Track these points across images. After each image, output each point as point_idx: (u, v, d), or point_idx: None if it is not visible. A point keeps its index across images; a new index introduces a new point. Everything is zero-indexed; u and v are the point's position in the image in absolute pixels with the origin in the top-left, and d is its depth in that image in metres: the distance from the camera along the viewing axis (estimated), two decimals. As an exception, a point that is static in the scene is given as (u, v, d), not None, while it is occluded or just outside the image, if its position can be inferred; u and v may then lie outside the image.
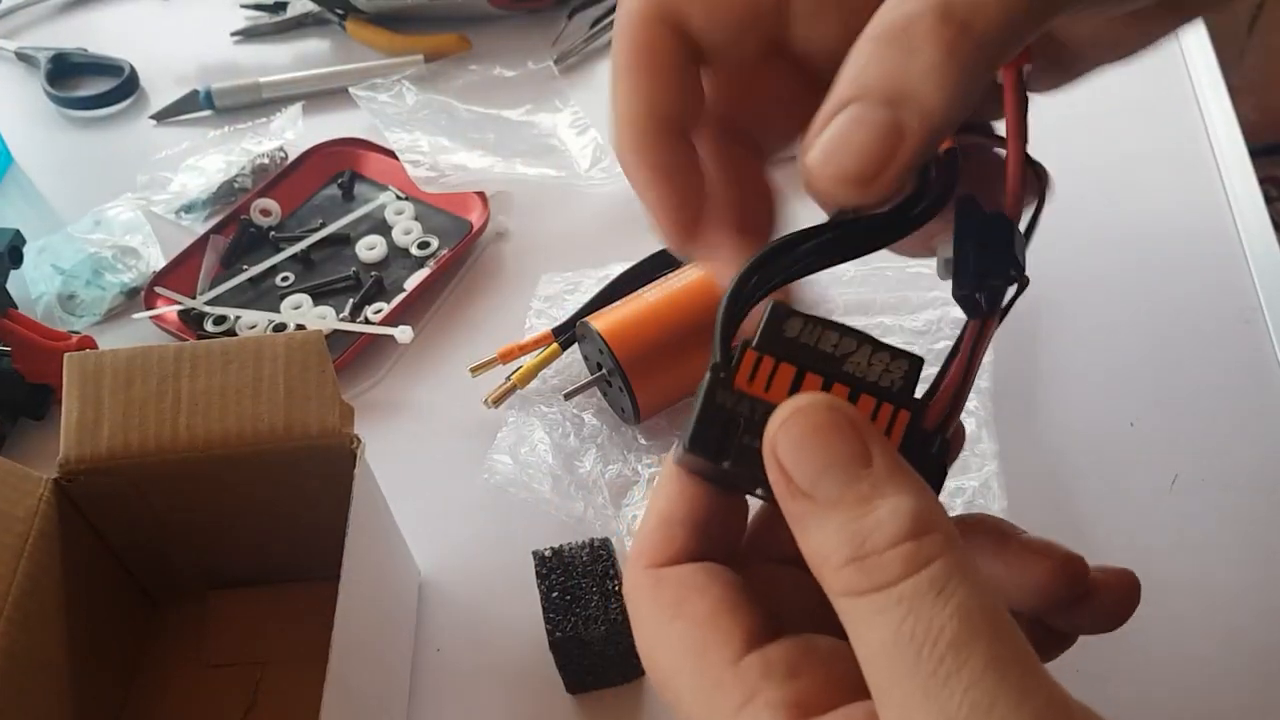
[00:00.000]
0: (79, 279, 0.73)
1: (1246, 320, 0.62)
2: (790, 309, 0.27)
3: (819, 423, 0.25)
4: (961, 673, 0.22)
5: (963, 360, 0.27)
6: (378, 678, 0.48)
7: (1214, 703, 0.48)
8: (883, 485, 0.24)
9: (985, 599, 0.23)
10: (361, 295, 0.70)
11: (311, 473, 0.47)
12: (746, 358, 0.27)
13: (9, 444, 0.65)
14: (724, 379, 0.27)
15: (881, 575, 0.23)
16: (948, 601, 0.22)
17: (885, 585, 0.23)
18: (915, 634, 0.22)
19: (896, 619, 0.23)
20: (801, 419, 0.25)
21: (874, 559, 0.23)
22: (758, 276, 0.27)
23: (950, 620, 0.22)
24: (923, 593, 0.23)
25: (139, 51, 0.92)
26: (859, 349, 0.27)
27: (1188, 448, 0.57)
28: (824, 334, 0.27)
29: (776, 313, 0.27)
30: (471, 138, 0.78)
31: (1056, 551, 0.29)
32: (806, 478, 0.25)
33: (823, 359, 0.27)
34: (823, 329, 0.27)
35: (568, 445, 0.59)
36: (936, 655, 0.22)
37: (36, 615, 0.45)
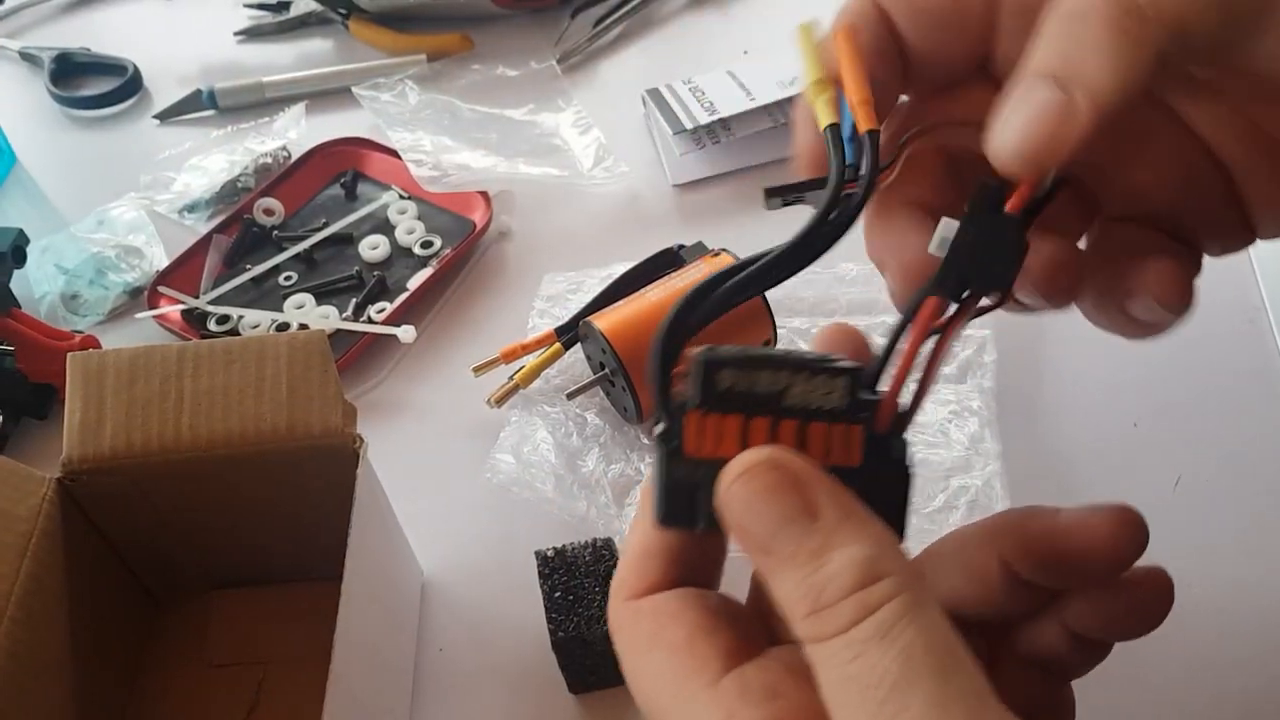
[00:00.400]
0: (82, 278, 0.73)
1: (1250, 320, 0.62)
2: (719, 359, 0.27)
3: (763, 485, 0.25)
4: (905, 714, 0.22)
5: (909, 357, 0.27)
6: (380, 678, 0.48)
7: (1217, 703, 0.48)
8: (832, 536, 0.25)
9: (934, 637, 0.23)
10: (364, 295, 0.70)
11: (314, 472, 0.47)
12: (689, 421, 0.27)
13: (12, 443, 0.65)
14: (675, 450, 0.27)
15: (834, 623, 0.24)
16: (892, 645, 0.23)
17: (838, 632, 0.24)
18: (860, 676, 0.23)
19: (845, 662, 0.23)
20: (744, 485, 0.26)
21: (827, 611, 0.24)
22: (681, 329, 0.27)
23: (893, 663, 0.23)
24: (869, 637, 0.23)
25: (142, 51, 0.92)
26: (795, 379, 0.26)
27: (1191, 449, 0.57)
28: (757, 376, 0.27)
29: (707, 369, 0.27)
30: (474, 137, 0.78)
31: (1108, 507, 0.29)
32: (761, 538, 0.25)
33: (763, 400, 0.27)
34: (754, 371, 0.26)
35: (570, 445, 0.59)
36: (879, 697, 0.23)
37: (39, 615, 0.45)
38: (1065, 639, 0.31)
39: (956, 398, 0.57)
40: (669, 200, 0.74)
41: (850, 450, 0.27)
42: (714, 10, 0.89)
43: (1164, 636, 0.50)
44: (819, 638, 0.24)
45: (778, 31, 0.87)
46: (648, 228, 0.72)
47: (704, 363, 0.26)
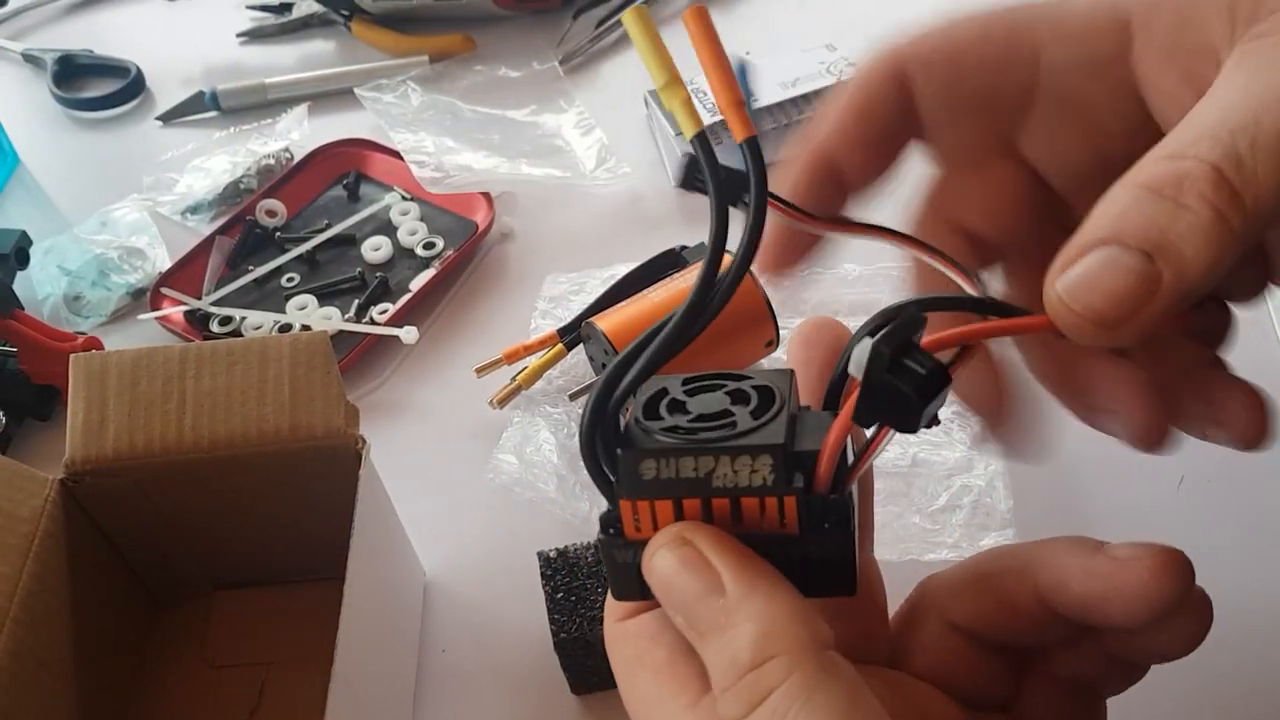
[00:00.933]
0: (85, 280, 0.73)
1: (1253, 318, 0.61)
2: (639, 450, 0.27)
3: (674, 560, 0.26)
4: None
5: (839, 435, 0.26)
6: (383, 678, 0.48)
7: (1220, 704, 0.48)
8: (732, 614, 0.25)
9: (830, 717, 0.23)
10: (367, 296, 0.70)
11: (316, 473, 0.47)
12: (624, 508, 0.27)
13: (15, 445, 0.65)
14: (614, 536, 0.27)
15: (738, 707, 0.24)
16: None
17: (741, 717, 0.24)
18: None
19: None
20: (657, 565, 0.26)
21: (730, 692, 0.25)
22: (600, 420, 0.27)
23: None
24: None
25: (145, 53, 0.92)
26: (719, 462, 0.26)
27: (1194, 447, 0.56)
28: (680, 462, 0.26)
29: (628, 461, 0.27)
30: (476, 138, 0.78)
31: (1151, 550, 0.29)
32: (682, 615, 0.26)
33: (691, 484, 0.26)
34: (677, 458, 0.26)
35: (573, 445, 0.59)
36: None
37: (42, 616, 0.45)
38: (1099, 661, 0.31)
39: (959, 398, 0.57)
40: (671, 201, 0.74)
41: (787, 520, 0.26)
42: (715, 12, 0.89)
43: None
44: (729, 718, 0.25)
45: (779, 33, 0.87)
46: (650, 229, 0.72)
47: (624, 455, 0.27)
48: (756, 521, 0.26)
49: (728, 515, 0.27)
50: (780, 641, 0.24)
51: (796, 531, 0.26)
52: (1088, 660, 0.31)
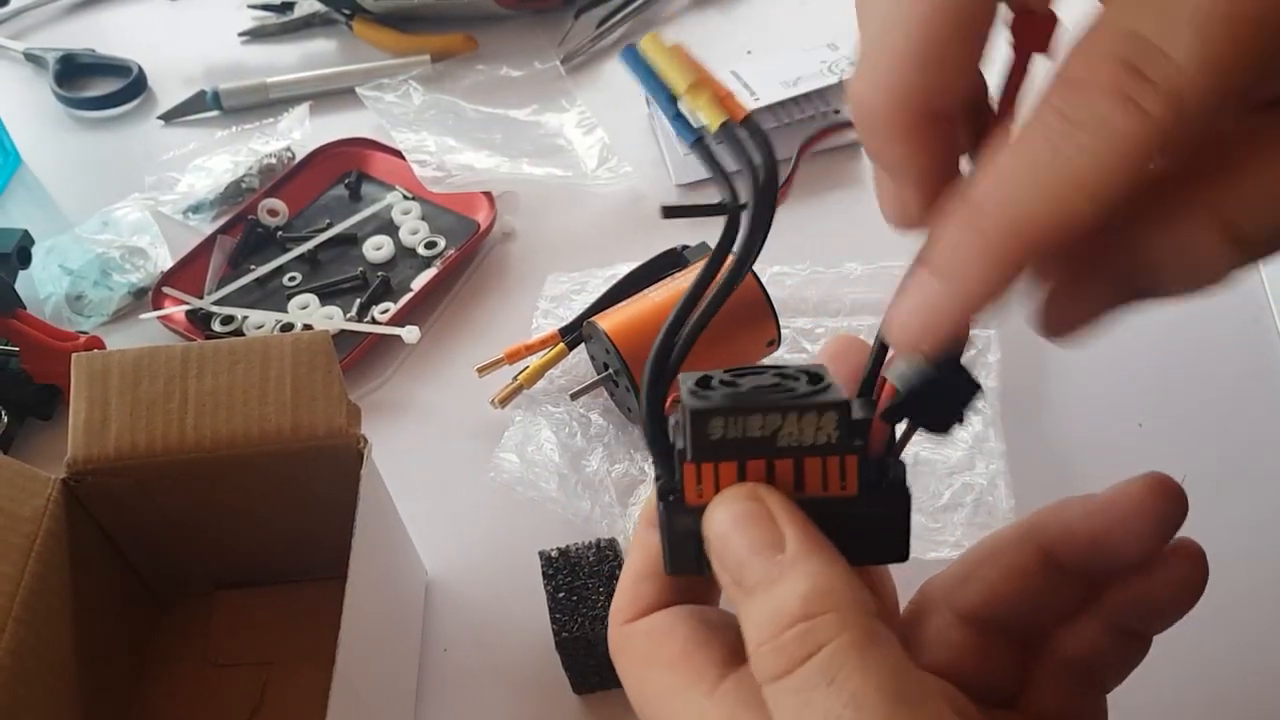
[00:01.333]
0: (87, 279, 0.73)
1: (1255, 320, 0.61)
2: (708, 409, 0.26)
3: (736, 515, 0.26)
4: None
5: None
6: (384, 677, 0.49)
7: (1224, 704, 0.48)
8: (789, 569, 0.25)
9: (883, 677, 0.23)
10: (368, 295, 0.70)
11: (318, 473, 0.47)
12: (687, 472, 0.27)
13: (17, 444, 0.65)
14: (675, 502, 0.27)
15: (780, 661, 0.24)
16: (840, 690, 0.23)
17: (784, 672, 0.24)
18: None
19: (796, 709, 0.23)
20: (719, 517, 0.26)
21: (770, 646, 0.24)
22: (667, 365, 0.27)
23: (846, 709, 0.22)
24: (815, 684, 0.23)
25: (147, 52, 0.92)
26: (785, 420, 0.26)
27: (1196, 449, 0.57)
28: (748, 421, 0.26)
29: (697, 420, 0.27)
30: (478, 138, 0.78)
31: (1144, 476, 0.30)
32: (731, 570, 0.26)
33: (757, 444, 0.27)
34: (745, 417, 0.26)
35: (574, 444, 0.59)
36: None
37: (44, 615, 0.45)
38: (1103, 636, 0.31)
39: (961, 397, 0.57)
40: (673, 200, 0.74)
41: (848, 480, 0.27)
42: (717, 10, 0.89)
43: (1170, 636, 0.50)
44: (765, 676, 0.24)
45: (781, 31, 0.87)
46: (651, 228, 0.72)
47: (692, 413, 0.26)
48: (818, 484, 0.27)
49: (790, 478, 0.27)
50: (833, 599, 0.24)
51: (855, 493, 0.27)
52: (1090, 635, 0.31)
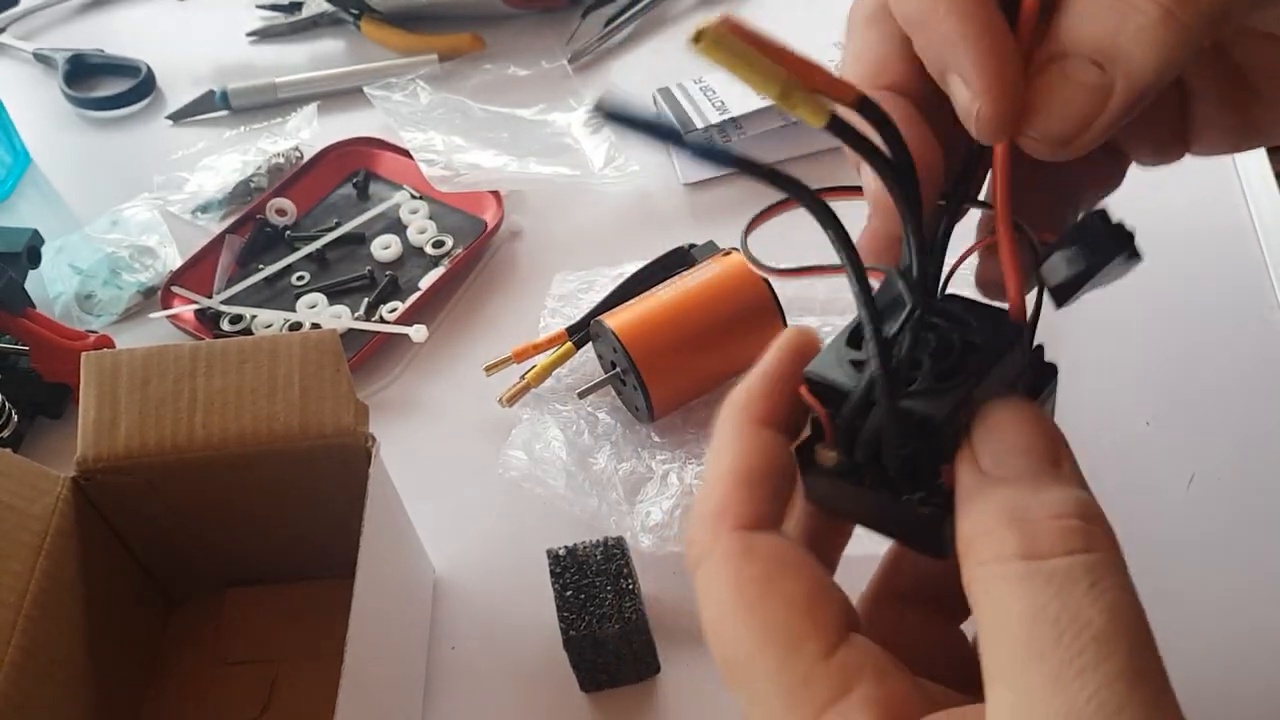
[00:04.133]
0: (96, 278, 0.73)
1: (1264, 318, 0.61)
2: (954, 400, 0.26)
3: (1021, 415, 0.25)
4: (1098, 670, 0.21)
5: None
6: (393, 675, 0.49)
7: (1231, 702, 0.48)
8: (1064, 480, 0.24)
9: (1135, 608, 0.22)
10: (376, 294, 0.70)
11: (327, 471, 0.47)
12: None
13: (27, 443, 0.65)
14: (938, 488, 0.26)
15: (1037, 543, 0.22)
16: (1100, 596, 0.21)
17: (1038, 555, 0.22)
18: (1060, 618, 0.21)
19: (1044, 597, 0.22)
20: (1007, 409, 0.25)
21: (1034, 524, 0.23)
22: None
23: (1100, 615, 0.21)
24: (1077, 579, 0.22)
25: (155, 52, 0.92)
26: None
27: (1205, 446, 0.56)
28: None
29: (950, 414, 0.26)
30: (486, 137, 0.78)
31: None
32: (991, 456, 0.25)
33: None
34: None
35: (582, 443, 0.59)
36: (1078, 646, 0.21)
37: (54, 613, 0.45)
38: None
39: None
40: (680, 199, 0.74)
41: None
42: (724, 10, 0.89)
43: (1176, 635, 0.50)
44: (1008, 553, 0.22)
45: (789, 30, 0.87)
46: (659, 227, 0.72)
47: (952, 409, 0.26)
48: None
49: None
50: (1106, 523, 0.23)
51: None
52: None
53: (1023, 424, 0.25)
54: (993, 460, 0.24)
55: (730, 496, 0.26)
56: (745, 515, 0.26)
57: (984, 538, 0.23)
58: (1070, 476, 0.24)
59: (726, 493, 0.26)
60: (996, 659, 0.22)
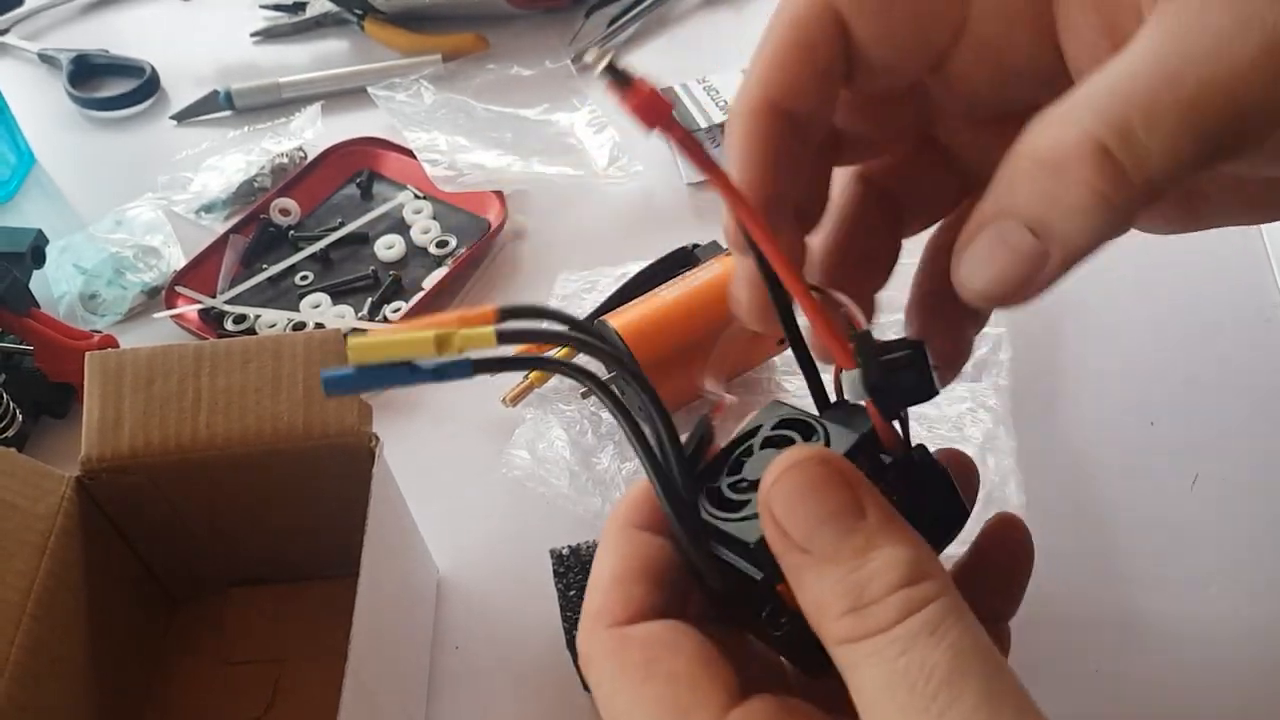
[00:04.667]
0: (100, 278, 0.74)
1: (1267, 319, 0.61)
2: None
3: (812, 478, 0.25)
4: (955, 708, 0.22)
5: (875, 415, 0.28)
6: (396, 674, 0.49)
7: (1234, 702, 0.48)
8: (876, 537, 0.25)
9: (979, 639, 0.23)
10: (380, 294, 0.70)
11: (330, 471, 0.47)
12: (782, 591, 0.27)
13: (31, 442, 0.65)
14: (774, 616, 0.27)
15: (878, 620, 0.24)
16: (941, 640, 0.23)
17: (881, 629, 0.23)
18: (909, 671, 0.23)
19: (891, 658, 0.23)
20: (791, 478, 0.25)
21: (871, 607, 0.24)
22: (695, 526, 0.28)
23: (944, 656, 0.23)
24: (916, 633, 0.23)
25: (159, 53, 0.93)
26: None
27: (1208, 447, 0.56)
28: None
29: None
30: (489, 137, 0.78)
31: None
32: (802, 532, 0.25)
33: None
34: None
35: (585, 442, 0.59)
36: (930, 691, 0.22)
37: (58, 612, 0.45)
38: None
39: (971, 395, 0.57)
40: (683, 199, 0.74)
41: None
42: (728, 9, 0.89)
43: (1180, 633, 0.50)
44: (861, 635, 0.24)
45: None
46: (662, 227, 0.72)
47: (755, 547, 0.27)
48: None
49: None
50: (931, 567, 0.24)
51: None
52: None
53: (814, 487, 0.25)
54: (804, 538, 0.25)
55: (608, 596, 0.28)
56: (620, 613, 0.28)
57: (831, 622, 0.24)
58: (880, 525, 0.25)
59: (604, 593, 0.28)
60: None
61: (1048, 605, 0.51)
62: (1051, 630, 0.50)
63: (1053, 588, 0.52)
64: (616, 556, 0.29)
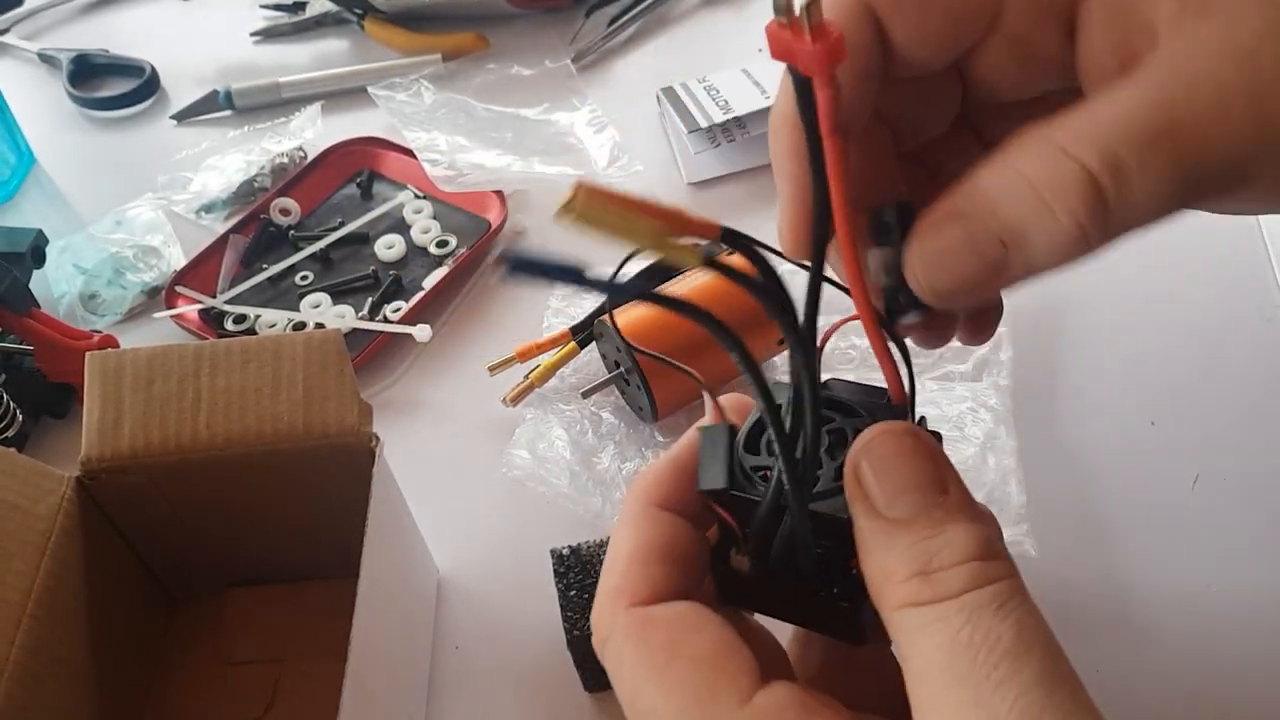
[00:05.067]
0: (100, 278, 0.74)
1: (1268, 319, 0.61)
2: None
3: (904, 446, 0.26)
4: (1014, 680, 0.22)
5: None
6: (396, 675, 0.49)
7: (1236, 701, 0.48)
8: (955, 513, 0.25)
9: (1041, 623, 0.24)
10: (380, 294, 0.70)
11: (330, 471, 0.47)
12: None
13: (32, 443, 0.65)
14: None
15: (946, 587, 0.24)
16: (1007, 615, 0.23)
17: (951, 596, 0.24)
18: (973, 640, 0.23)
19: (955, 626, 0.23)
20: (889, 441, 0.26)
21: (940, 573, 0.24)
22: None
23: (1008, 631, 0.23)
24: (984, 605, 0.23)
25: (159, 52, 0.93)
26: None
27: (1209, 447, 0.56)
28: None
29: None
30: (489, 136, 0.78)
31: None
32: (884, 497, 0.25)
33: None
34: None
35: (585, 442, 0.59)
36: (992, 661, 0.23)
37: (59, 613, 0.45)
38: None
39: (972, 395, 0.57)
40: (684, 199, 0.74)
41: None
42: (728, 8, 0.89)
43: (1181, 633, 0.50)
44: (928, 599, 0.24)
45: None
46: (662, 226, 0.72)
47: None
48: None
49: None
50: (1002, 549, 0.25)
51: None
52: None
53: (905, 456, 0.26)
54: (886, 502, 0.25)
55: (627, 575, 0.28)
56: (642, 593, 0.28)
57: (895, 586, 0.25)
58: (960, 504, 0.25)
59: (624, 572, 0.28)
60: (923, 693, 0.24)
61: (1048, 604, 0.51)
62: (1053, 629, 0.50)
63: (1054, 587, 0.52)
64: (637, 535, 0.29)
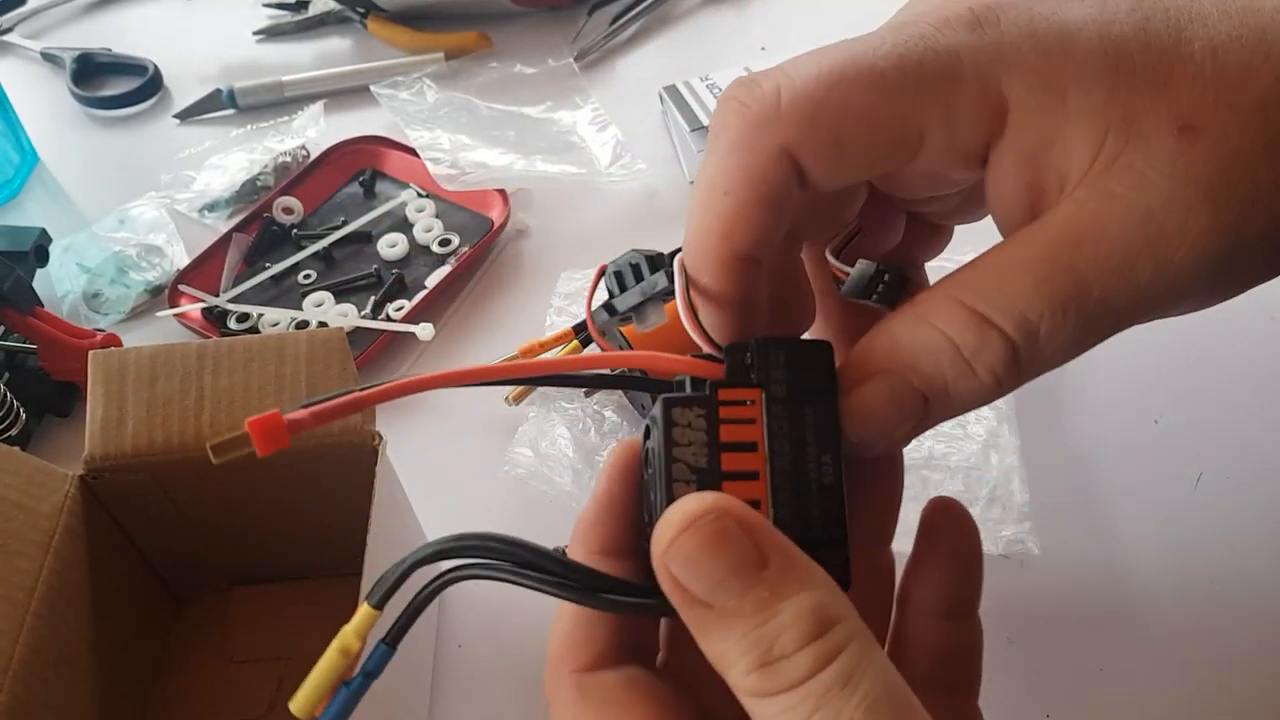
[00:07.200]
0: (104, 277, 0.74)
1: (1271, 317, 0.61)
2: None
3: (708, 535, 0.24)
4: None
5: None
6: (399, 674, 0.49)
7: (1238, 700, 0.48)
8: (780, 586, 0.24)
9: (890, 683, 0.23)
10: (383, 293, 0.70)
11: (334, 469, 0.47)
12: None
13: (35, 441, 0.65)
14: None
15: (789, 677, 0.23)
16: (854, 693, 0.23)
17: (793, 685, 0.23)
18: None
19: (805, 715, 0.23)
20: (691, 536, 0.24)
21: (781, 662, 0.23)
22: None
23: (857, 711, 0.22)
24: (830, 686, 0.23)
25: (162, 51, 0.93)
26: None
27: (1212, 445, 0.56)
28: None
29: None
30: (492, 135, 0.78)
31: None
32: (703, 590, 0.24)
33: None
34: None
35: (588, 441, 0.59)
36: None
37: (62, 611, 0.45)
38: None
39: (975, 394, 0.57)
40: (686, 197, 0.74)
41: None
42: (730, 7, 0.89)
43: (1183, 631, 0.50)
44: (773, 690, 0.23)
45: (794, 28, 0.87)
46: (665, 225, 0.72)
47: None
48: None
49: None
50: (839, 610, 0.24)
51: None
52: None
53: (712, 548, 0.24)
54: (707, 596, 0.24)
55: (570, 635, 0.29)
56: (582, 656, 0.28)
57: (740, 677, 0.24)
58: (783, 573, 0.24)
59: (565, 635, 0.29)
60: None
61: (1052, 603, 0.52)
62: (1056, 628, 0.50)
63: (1057, 585, 0.52)
64: None
